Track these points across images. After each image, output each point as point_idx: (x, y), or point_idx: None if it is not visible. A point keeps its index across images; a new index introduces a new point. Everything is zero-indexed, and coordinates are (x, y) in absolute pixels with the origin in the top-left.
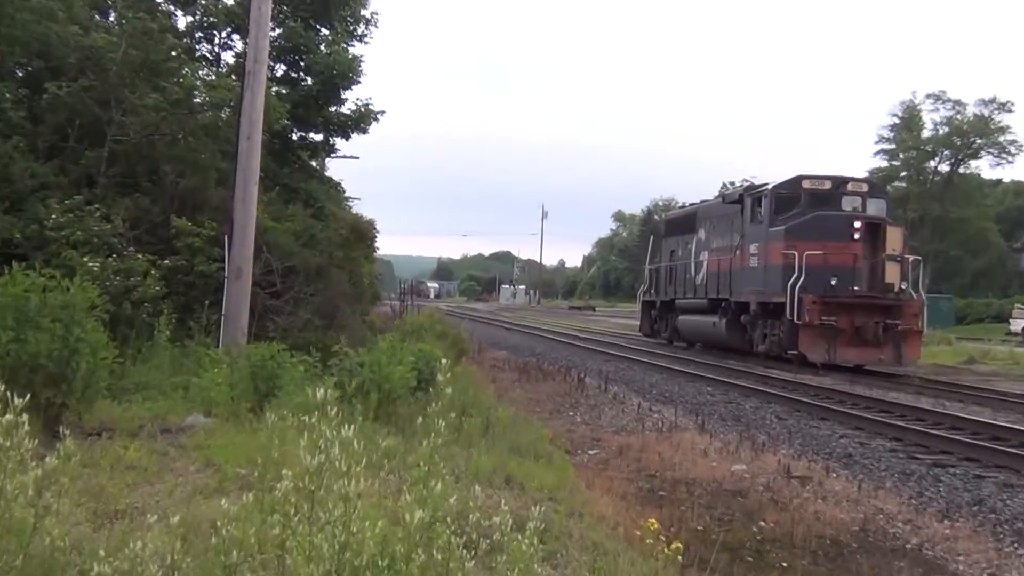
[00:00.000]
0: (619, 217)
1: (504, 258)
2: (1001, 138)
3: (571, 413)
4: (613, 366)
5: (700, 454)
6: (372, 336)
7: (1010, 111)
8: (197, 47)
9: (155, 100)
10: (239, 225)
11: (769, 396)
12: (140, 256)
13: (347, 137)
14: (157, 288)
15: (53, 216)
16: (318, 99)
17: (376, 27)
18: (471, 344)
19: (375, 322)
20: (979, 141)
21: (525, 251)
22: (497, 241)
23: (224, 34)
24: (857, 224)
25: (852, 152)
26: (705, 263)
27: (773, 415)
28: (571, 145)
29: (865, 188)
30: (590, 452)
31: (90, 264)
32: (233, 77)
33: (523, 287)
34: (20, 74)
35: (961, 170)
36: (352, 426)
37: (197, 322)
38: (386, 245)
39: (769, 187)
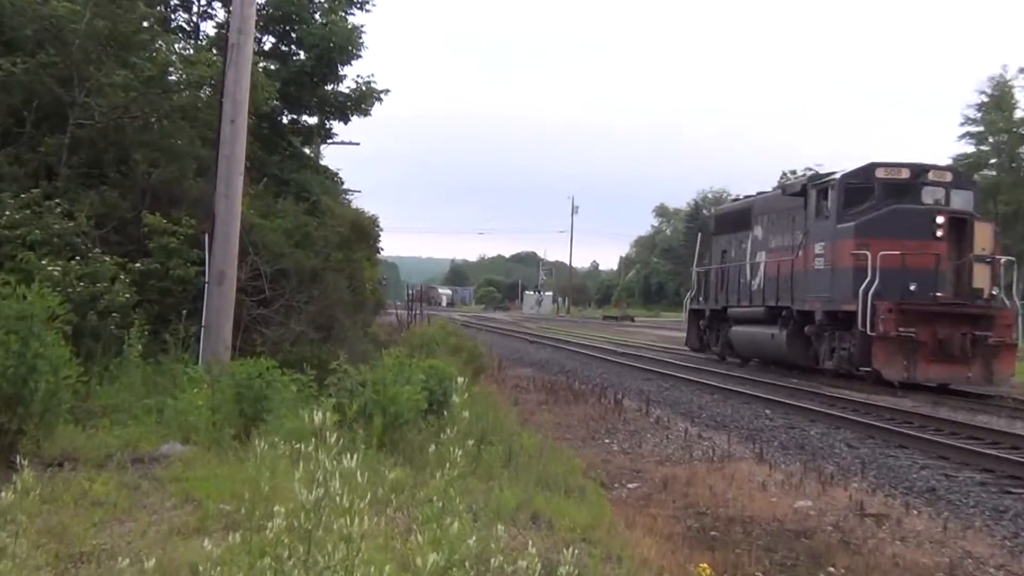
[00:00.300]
0: (661, 212)
1: (528, 260)
2: None
3: (607, 440)
4: (655, 385)
5: (758, 488)
6: (375, 351)
7: None
8: (173, 17)
9: (124, 78)
10: (221, 222)
11: (838, 420)
12: (107, 259)
13: (346, 120)
14: (127, 296)
15: (7, 213)
16: (312, 76)
17: None
18: (491, 360)
19: (379, 334)
20: None
21: (552, 252)
22: (520, 240)
23: (204, 1)
24: (940, 219)
25: (933, 136)
26: (762, 265)
27: (843, 442)
28: (605, 129)
29: (949, 177)
30: (630, 486)
31: (50, 268)
32: (214, 51)
33: (550, 294)
34: None
35: None
36: (354, 455)
37: (173, 335)
38: (391, 245)
39: (837, 176)
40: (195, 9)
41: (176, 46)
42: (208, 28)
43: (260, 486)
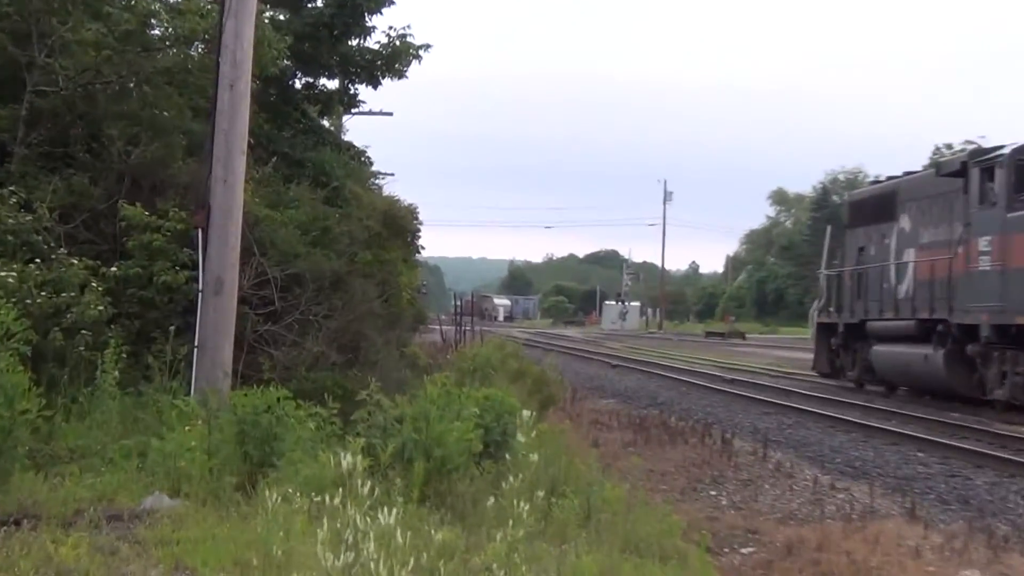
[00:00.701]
0: (779, 199)
1: (608, 261)
2: None
3: (713, 492)
4: (774, 421)
5: (910, 554)
6: (415, 377)
7: None
8: None
9: (95, 33)
10: (219, 215)
11: (1012, 466)
12: (75, 261)
13: (375, 84)
14: (100, 308)
15: None
16: (332, 28)
17: None
18: (562, 389)
19: (419, 357)
20: None
21: (639, 251)
22: (597, 236)
23: None
24: None
25: None
26: (911, 267)
27: (1019, 495)
28: (706, 96)
29: None
30: (743, 551)
31: (3, 273)
32: None
33: (636, 304)
34: None
35: None
36: (391, 511)
37: (158, 357)
38: (433, 243)
39: (1007, 152)
40: None
41: None
42: None
43: (271, 550)
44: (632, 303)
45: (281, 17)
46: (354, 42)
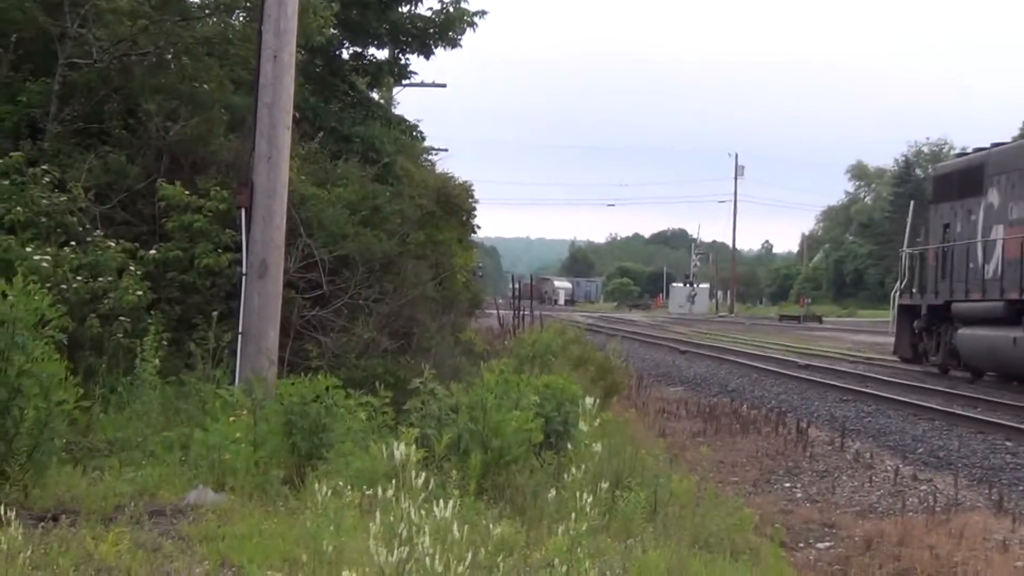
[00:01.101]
0: (859, 173)
1: (675, 241)
2: None
3: (788, 484)
4: (853, 409)
5: (997, 548)
6: (471, 364)
7: None
8: None
9: (130, 2)
10: (263, 194)
11: None
12: (112, 244)
13: (427, 53)
14: (139, 293)
15: None
16: None
17: None
18: (627, 376)
19: (475, 342)
20: None
21: (709, 229)
22: (664, 214)
23: None
24: None
25: None
26: (999, 244)
27: None
28: (780, 67)
29: None
30: (819, 545)
31: (37, 257)
32: None
33: (706, 286)
34: None
35: None
36: (447, 503)
37: (200, 345)
38: (490, 223)
39: None
40: None
41: None
42: None
43: (321, 545)
44: (701, 285)
45: None
46: (405, 8)
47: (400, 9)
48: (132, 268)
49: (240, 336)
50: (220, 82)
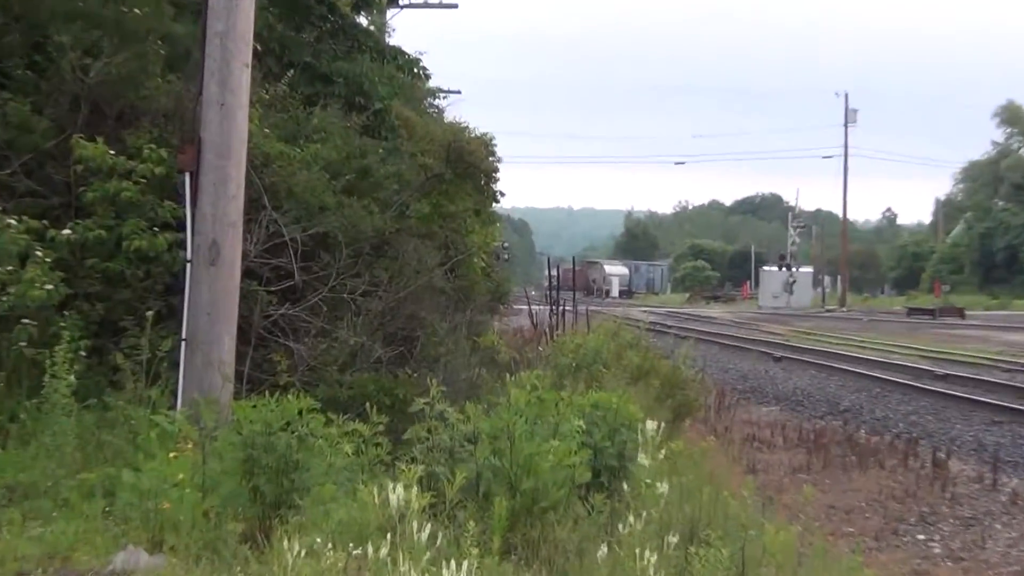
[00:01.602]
0: (1011, 117)
1: (767, 210)
2: None
3: (921, 536)
4: (1008, 434)
5: None
6: (494, 378)
7: None
8: None
9: None
10: (213, 154)
11: None
12: (12, 221)
13: None
14: (48, 287)
15: None
16: None
17: None
18: (703, 392)
19: (499, 349)
20: None
21: (810, 194)
22: (751, 175)
23: None
24: None
25: None
26: None
27: None
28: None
29: None
30: None
31: None
32: None
33: (808, 270)
34: None
35: None
36: (462, 566)
37: (130, 356)
38: (518, 189)
39: None
40: None
41: None
42: None
43: None
44: (802, 269)
45: None
46: None
47: None
48: (39, 253)
49: (184, 343)
50: (156, 5)
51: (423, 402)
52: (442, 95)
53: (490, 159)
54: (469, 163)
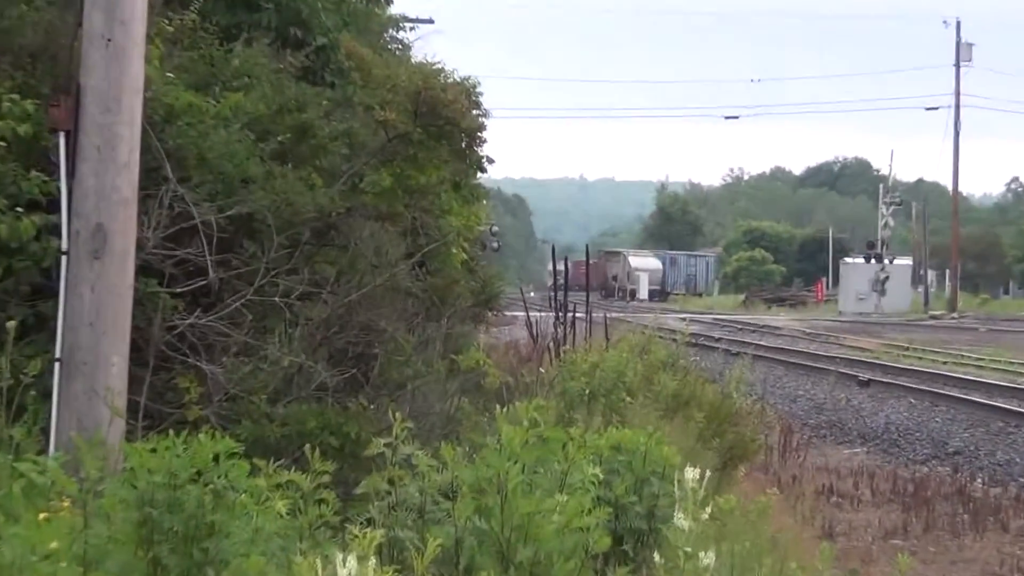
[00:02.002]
0: None
1: (849, 181)
2: None
3: None
4: None
5: None
6: (479, 410)
7: None
8: None
9: None
10: (97, 107)
11: None
12: None
13: None
14: None
15: None
16: None
17: None
18: (763, 427)
19: (486, 370)
20: None
21: (908, 159)
22: (827, 133)
23: None
24: None
25: None
26: None
27: None
28: None
29: None
30: None
31: None
32: None
33: (905, 262)
34: None
35: None
36: None
37: None
38: (513, 154)
39: None
40: None
41: None
42: None
43: None
44: (897, 261)
45: None
46: None
47: None
48: None
49: (58, 365)
50: None
51: (383, 443)
52: (409, 26)
53: (474, 113)
54: (445, 119)
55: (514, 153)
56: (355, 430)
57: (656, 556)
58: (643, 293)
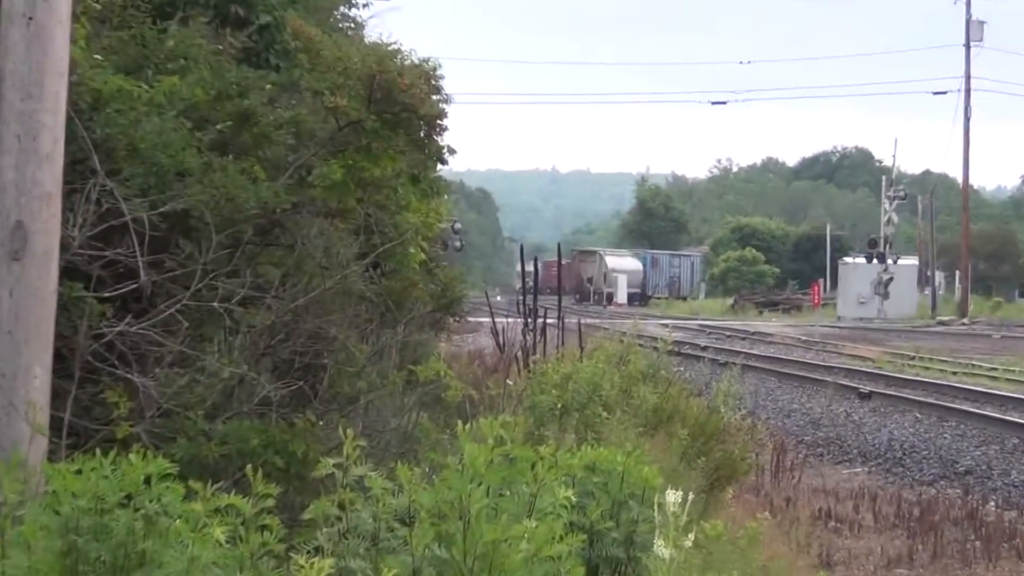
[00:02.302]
0: None
1: (848, 172)
2: None
3: None
4: None
5: None
6: (440, 427)
7: None
8: None
9: None
10: (16, 92)
11: None
12: None
13: None
14: None
15: None
16: None
17: None
18: (754, 445)
19: (447, 382)
20: None
21: (913, 149)
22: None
23: None
24: None
25: None
26: None
27: None
28: None
29: None
30: None
31: None
32: None
33: (910, 262)
34: None
35: None
36: None
37: None
38: (474, 144)
39: None
40: None
41: None
42: None
43: None
44: (902, 261)
45: None
46: None
47: None
48: None
49: None
50: None
51: (333, 463)
52: (362, 3)
53: (434, 98)
54: (402, 105)
55: (479, 143)
56: (302, 449)
57: None
58: (621, 297)
